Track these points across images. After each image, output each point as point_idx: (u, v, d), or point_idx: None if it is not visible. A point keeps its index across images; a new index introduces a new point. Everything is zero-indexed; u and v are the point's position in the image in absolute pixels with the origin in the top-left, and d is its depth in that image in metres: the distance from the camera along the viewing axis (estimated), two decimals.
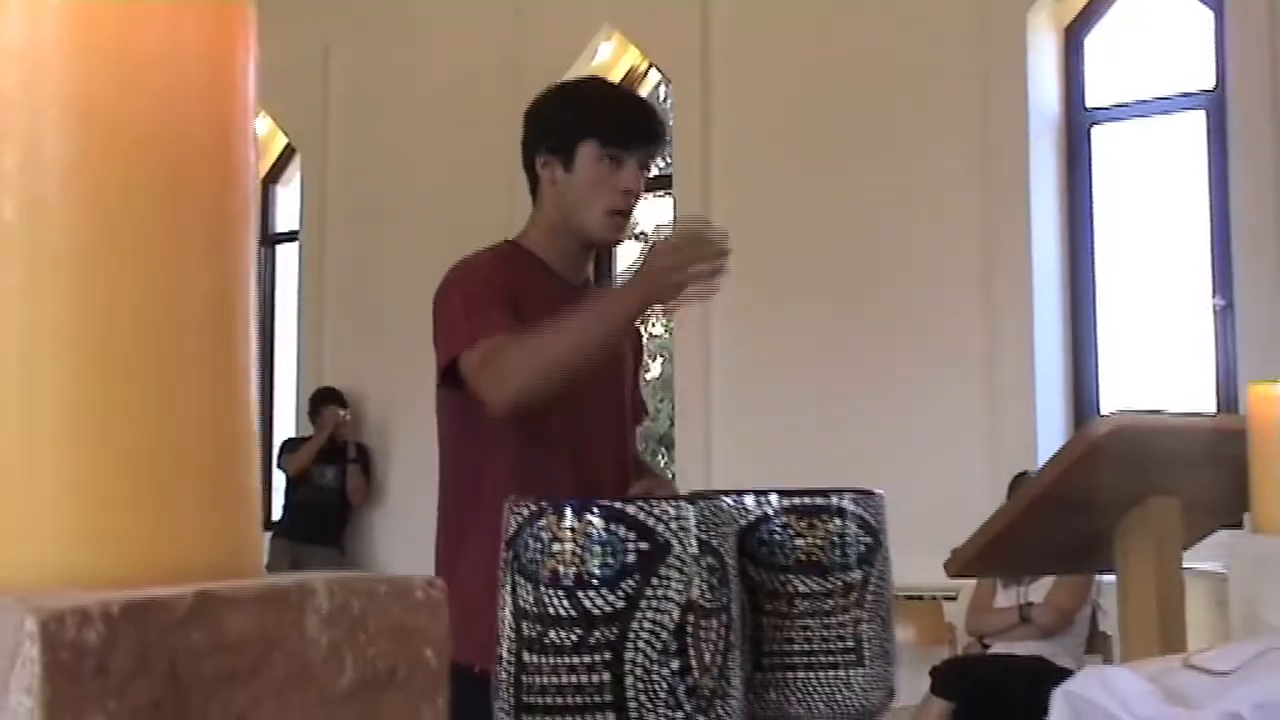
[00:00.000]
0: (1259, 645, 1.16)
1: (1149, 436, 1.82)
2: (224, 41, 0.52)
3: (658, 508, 0.72)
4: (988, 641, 5.00)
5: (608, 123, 2.42)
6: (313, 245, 8.17)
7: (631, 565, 0.72)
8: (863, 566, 0.88)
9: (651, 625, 0.72)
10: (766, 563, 0.86)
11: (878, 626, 0.90)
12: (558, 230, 2.47)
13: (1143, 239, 6.14)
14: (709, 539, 0.75)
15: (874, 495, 0.93)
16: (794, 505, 0.88)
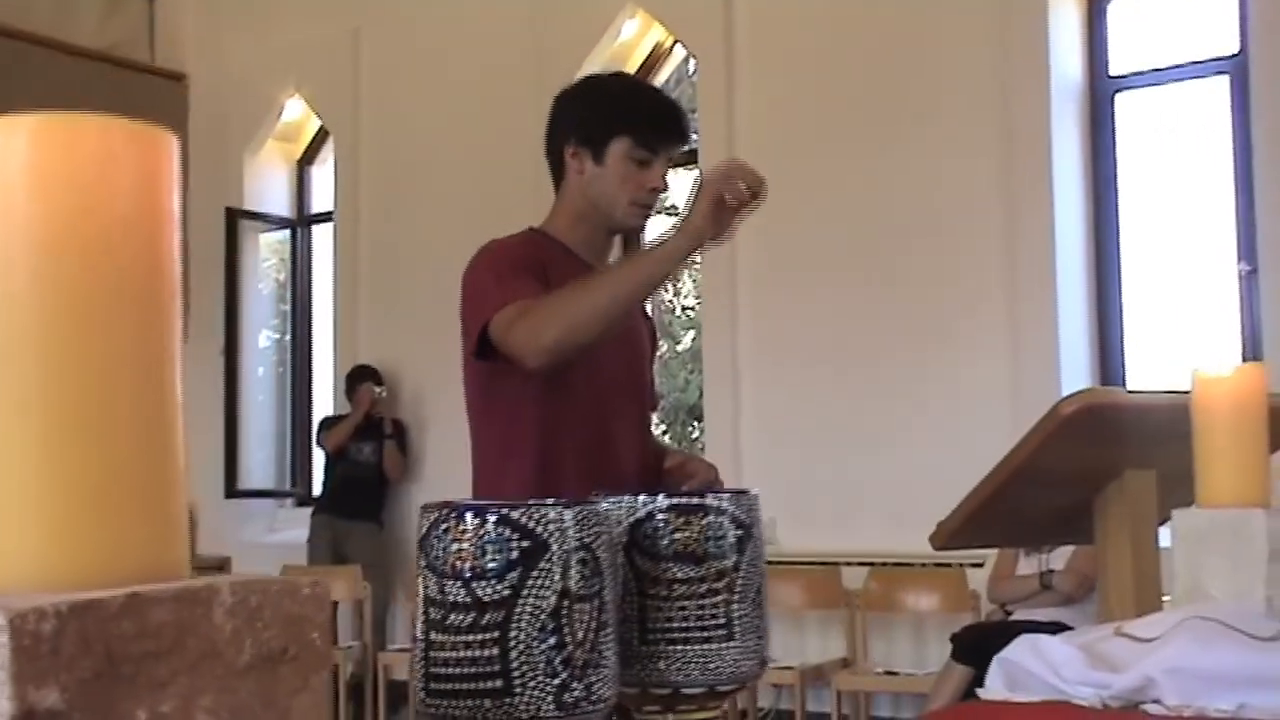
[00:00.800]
0: (1180, 615, 1.24)
1: (1119, 413, 1.89)
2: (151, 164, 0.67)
3: (538, 512, 0.85)
4: (1010, 609, 5.07)
5: (642, 123, 2.50)
6: (347, 225, 8.29)
7: (516, 560, 0.89)
8: (734, 556, 1.01)
9: (533, 609, 0.89)
10: (651, 553, 1.00)
11: (748, 607, 1.03)
12: (583, 217, 2.55)
13: (1167, 206, 6.15)
14: (583, 537, 0.90)
15: (747, 494, 1.05)
16: (674, 504, 1.01)
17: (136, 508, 0.61)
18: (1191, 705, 1.11)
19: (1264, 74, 5.56)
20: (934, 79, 6.31)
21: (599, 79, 2.66)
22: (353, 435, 7.73)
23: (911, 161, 6.32)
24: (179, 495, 0.64)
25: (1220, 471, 1.43)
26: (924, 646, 5.98)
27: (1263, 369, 1.43)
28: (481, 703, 0.87)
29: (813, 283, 6.55)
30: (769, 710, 6.37)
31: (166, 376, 0.64)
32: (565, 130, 2.56)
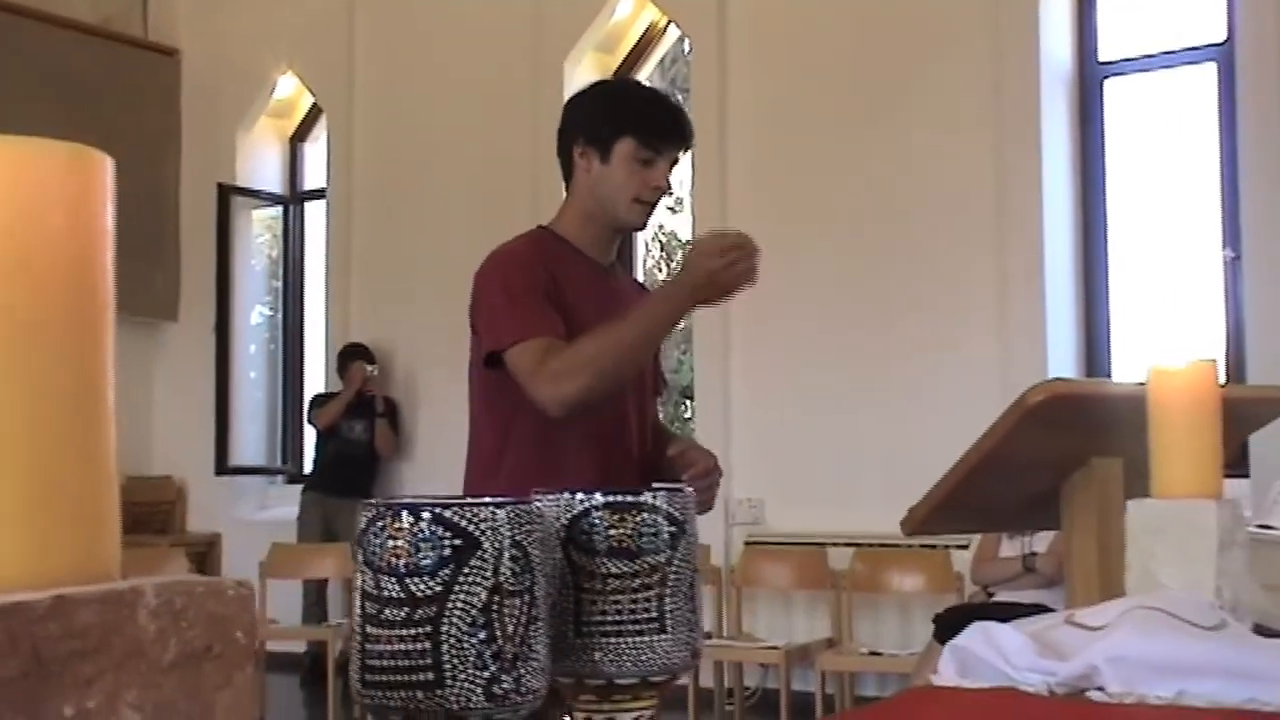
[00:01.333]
0: (1127, 604, 1.27)
1: (1085, 402, 1.93)
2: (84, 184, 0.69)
3: (472, 511, 0.89)
4: (992, 590, 5.11)
5: (646, 125, 2.59)
6: (339, 202, 8.31)
7: (448, 557, 0.93)
8: (667, 552, 1.05)
9: (464, 605, 0.93)
10: (586, 549, 1.03)
11: (680, 600, 1.06)
12: (591, 215, 2.64)
13: (1154, 191, 6.19)
14: (515, 535, 0.94)
15: (682, 491, 1.08)
16: (610, 501, 1.04)
17: (66, 513, 0.65)
18: (1133, 692, 1.14)
19: (1251, 62, 5.59)
20: (926, 63, 6.34)
21: (607, 83, 2.79)
22: (344, 413, 7.76)
23: (902, 145, 6.35)
24: (109, 500, 0.67)
25: (1174, 464, 1.46)
26: (909, 627, 6.04)
27: (1214, 366, 1.47)
28: (414, 694, 0.91)
29: (804, 265, 6.58)
30: (756, 689, 6.42)
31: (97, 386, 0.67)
32: (575, 131, 2.65)
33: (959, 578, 5.64)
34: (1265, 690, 1.11)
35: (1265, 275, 5.51)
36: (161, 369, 8.99)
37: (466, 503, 0.89)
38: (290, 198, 9.10)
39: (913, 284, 6.28)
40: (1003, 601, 4.88)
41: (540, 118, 7.32)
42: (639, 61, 7.71)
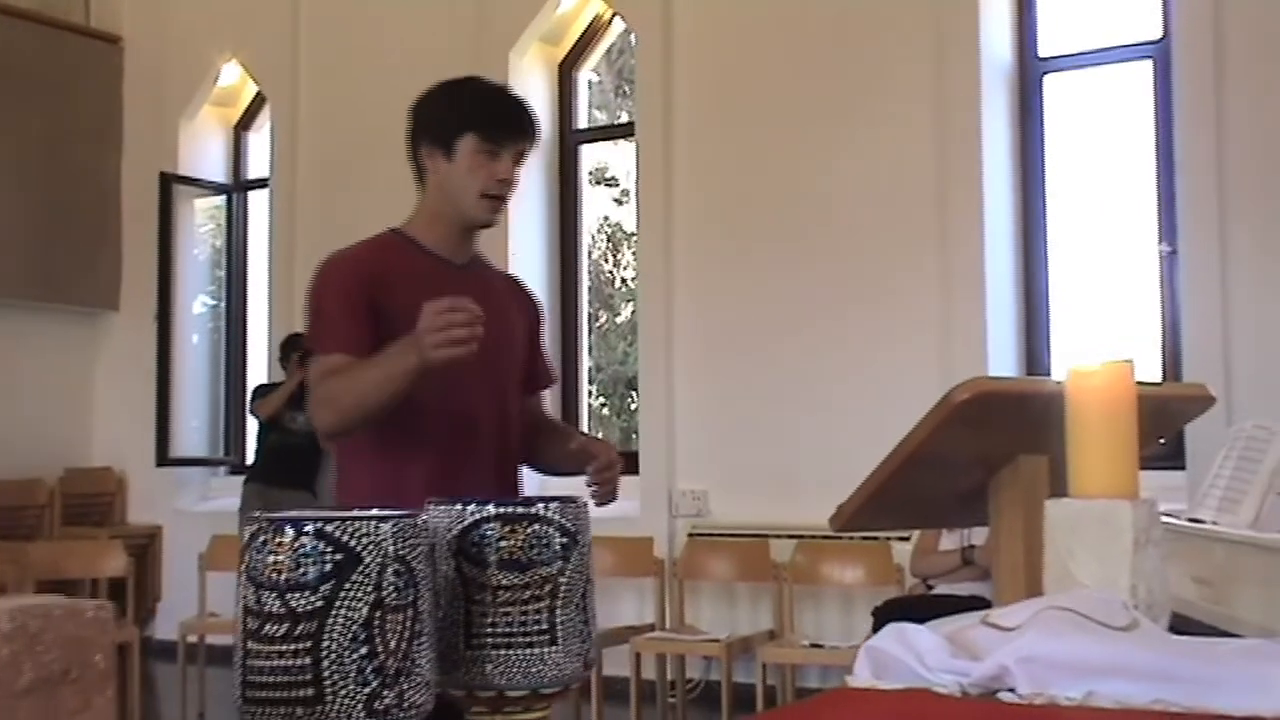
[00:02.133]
0: (1040, 604, 1.29)
1: (1010, 400, 1.94)
2: None
3: (353, 526, 0.88)
4: (931, 583, 5.16)
5: (486, 118, 2.63)
6: (284, 192, 8.24)
7: (329, 573, 0.92)
8: (558, 563, 1.04)
9: (345, 620, 0.92)
10: (477, 560, 1.03)
11: (572, 612, 1.06)
12: (440, 215, 2.67)
13: (1092, 186, 6.25)
14: (398, 549, 0.92)
15: (575, 502, 1.08)
16: (501, 513, 1.03)
17: None
18: (1043, 693, 1.15)
19: (1186, 59, 5.65)
20: (868, 57, 6.37)
21: (448, 83, 2.77)
22: (287, 404, 7.69)
23: (845, 139, 6.38)
24: None
25: (1091, 463, 1.47)
26: (851, 619, 6.07)
27: (1131, 366, 1.48)
28: (294, 711, 0.90)
29: (748, 257, 6.61)
30: (698, 682, 6.44)
31: None
32: (420, 134, 2.69)
33: (899, 570, 5.68)
34: (1172, 690, 1.12)
35: (1201, 270, 5.57)
36: (102, 359, 8.90)
37: (349, 517, 0.88)
38: (234, 186, 9.02)
39: (855, 278, 6.31)
40: (940, 594, 4.93)
41: None
42: (585, 53, 7.70)
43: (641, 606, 6.59)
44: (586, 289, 7.81)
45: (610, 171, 9.84)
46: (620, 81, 9.41)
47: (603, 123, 8.94)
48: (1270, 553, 1.92)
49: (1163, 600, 1.47)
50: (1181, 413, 2.26)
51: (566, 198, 7.63)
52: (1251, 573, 2.02)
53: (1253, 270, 5.49)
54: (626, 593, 6.69)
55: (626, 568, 6.56)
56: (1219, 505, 2.48)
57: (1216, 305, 5.51)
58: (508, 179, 2.64)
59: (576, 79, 7.73)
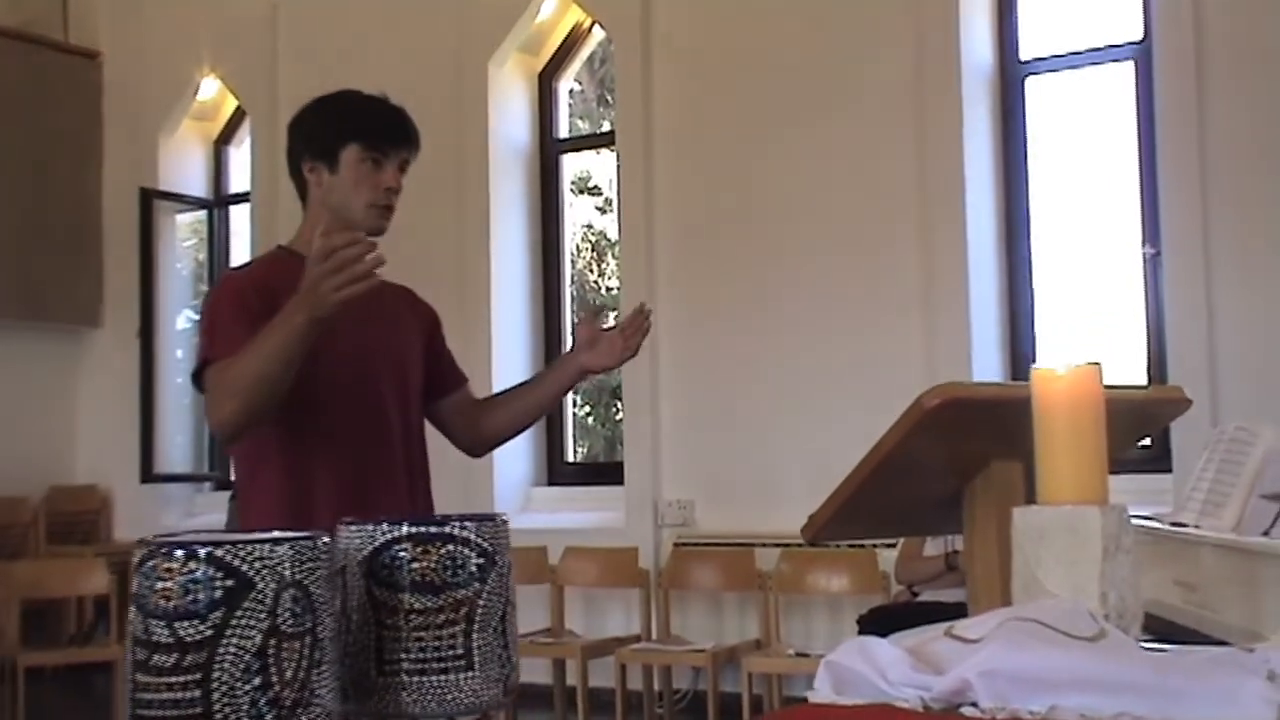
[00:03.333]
0: (1003, 615, 1.25)
1: (982, 406, 1.91)
2: None
3: (246, 550, 0.84)
4: (916, 590, 5.12)
5: (368, 128, 2.62)
6: (265, 206, 8.19)
7: (219, 600, 0.87)
8: (474, 585, 0.99)
9: (236, 650, 0.87)
10: (388, 583, 0.98)
11: (489, 635, 1.01)
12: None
13: (1075, 188, 6.23)
14: (295, 574, 0.88)
15: (493, 520, 1.03)
16: (413, 533, 0.99)
17: None
18: (1005, 707, 1.12)
19: (1167, 60, 5.63)
20: (849, 62, 6.34)
21: (324, 98, 2.76)
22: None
23: (826, 144, 6.35)
24: None
25: (1058, 469, 1.44)
26: (838, 627, 6.03)
27: (1098, 369, 1.45)
28: None
29: (731, 264, 6.58)
30: (685, 692, 6.40)
31: None
32: (300, 149, 2.67)
33: (885, 577, 5.64)
34: (1137, 703, 1.09)
35: (1184, 271, 5.55)
36: (85, 376, 8.85)
37: (242, 540, 0.84)
38: (215, 201, 8.98)
39: (838, 284, 6.28)
40: (926, 601, 4.89)
41: (465, 119, 7.28)
42: (565, 62, 7.67)
43: (628, 617, 6.55)
44: (570, 298, 7.78)
45: (593, 180, 9.81)
46: (602, 90, 9.39)
47: (586, 132, 8.91)
48: (1253, 556, 1.89)
49: (1134, 608, 1.44)
50: (1158, 416, 2.23)
51: (549, 207, 7.60)
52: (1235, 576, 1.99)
53: (1237, 271, 5.47)
54: (612, 604, 6.66)
55: (612, 579, 6.52)
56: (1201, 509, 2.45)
57: (1201, 306, 5.48)
58: (394, 187, 2.63)
59: (557, 88, 7.70)
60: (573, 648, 6.19)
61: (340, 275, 2.16)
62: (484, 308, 7.15)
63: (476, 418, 2.88)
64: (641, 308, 2.84)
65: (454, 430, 2.89)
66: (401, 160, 2.65)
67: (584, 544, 6.63)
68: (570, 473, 7.42)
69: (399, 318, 2.75)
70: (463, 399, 2.88)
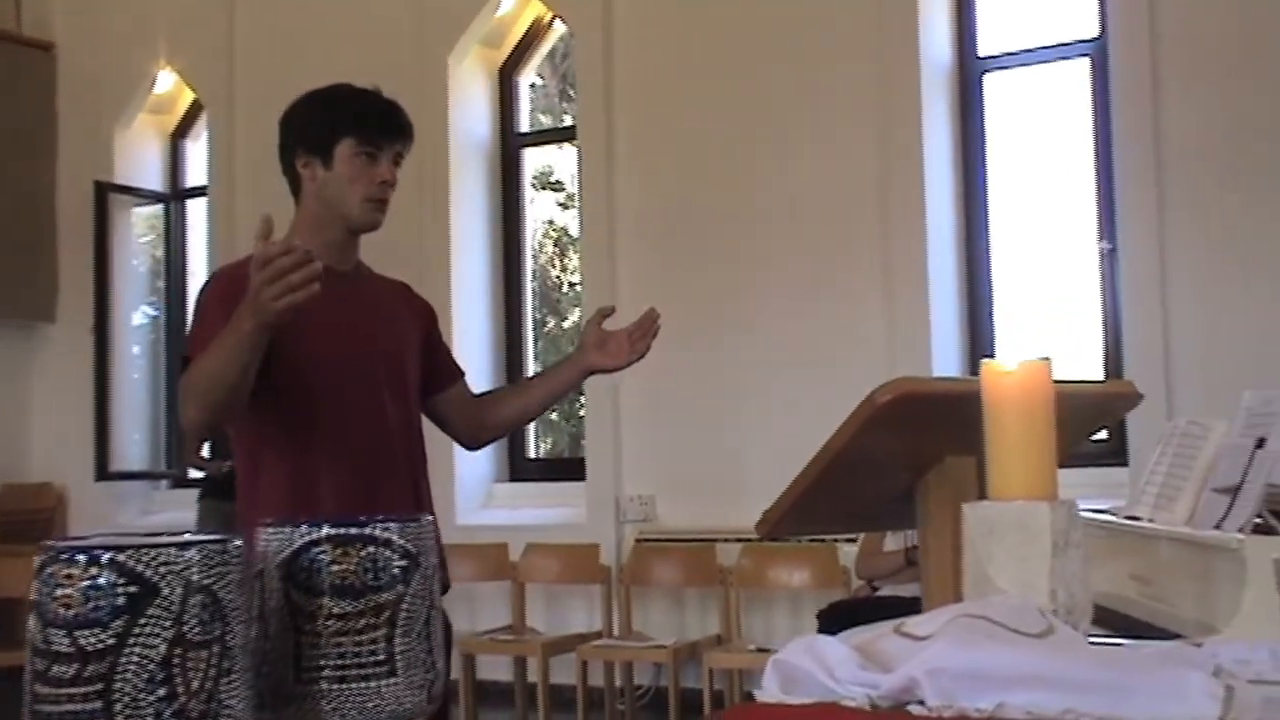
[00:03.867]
0: (953, 612, 1.24)
1: (934, 401, 1.90)
2: None
3: (150, 554, 0.82)
4: (876, 585, 5.13)
5: (362, 122, 2.62)
6: (222, 200, 8.13)
7: (122, 607, 0.84)
8: (397, 588, 0.97)
9: (139, 659, 0.84)
10: (306, 587, 0.95)
11: (413, 640, 0.98)
12: (322, 223, 2.64)
13: (1033, 184, 6.26)
14: (203, 580, 0.85)
15: (417, 521, 1.01)
16: (333, 534, 0.96)
17: None
18: (952, 705, 1.11)
19: (1122, 57, 5.66)
20: (809, 57, 6.34)
21: (316, 92, 2.75)
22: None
23: (786, 139, 6.35)
24: None
25: (1008, 465, 1.43)
26: (799, 622, 6.04)
27: (1048, 364, 1.44)
28: None
29: (692, 259, 6.57)
30: (647, 688, 6.39)
31: None
32: (293, 144, 2.69)
33: (845, 572, 5.65)
34: (1084, 699, 1.08)
35: (1140, 266, 5.58)
36: (39, 372, 8.75)
37: (147, 544, 0.81)
38: (172, 195, 8.89)
39: (799, 279, 6.28)
40: (886, 596, 4.90)
41: (425, 113, 7.20)
42: (526, 56, 7.64)
43: (589, 614, 6.53)
44: (532, 294, 7.75)
45: (555, 175, 9.78)
46: (564, 85, 9.35)
47: (547, 126, 8.88)
48: (1206, 549, 1.90)
49: (1083, 604, 1.43)
50: (1110, 410, 2.24)
51: (509, 202, 7.57)
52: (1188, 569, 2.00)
53: (1192, 266, 5.51)
54: (574, 600, 6.64)
55: (573, 575, 6.51)
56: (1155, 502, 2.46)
57: (1156, 301, 5.52)
58: (389, 180, 2.62)
59: (517, 82, 7.66)
60: (534, 645, 6.17)
61: (277, 285, 2.13)
62: (445, 304, 7.10)
63: (477, 412, 2.89)
64: (651, 311, 2.91)
65: (452, 424, 2.90)
66: (395, 153, 2.64)
67: (545, 540, 6.61)
68: (532, 468, 7.40)
69: (396, 313, 2.74)
70: (460, 393, 2.88)
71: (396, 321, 2.73)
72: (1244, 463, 1.88)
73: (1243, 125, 5.44)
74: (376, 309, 2.68)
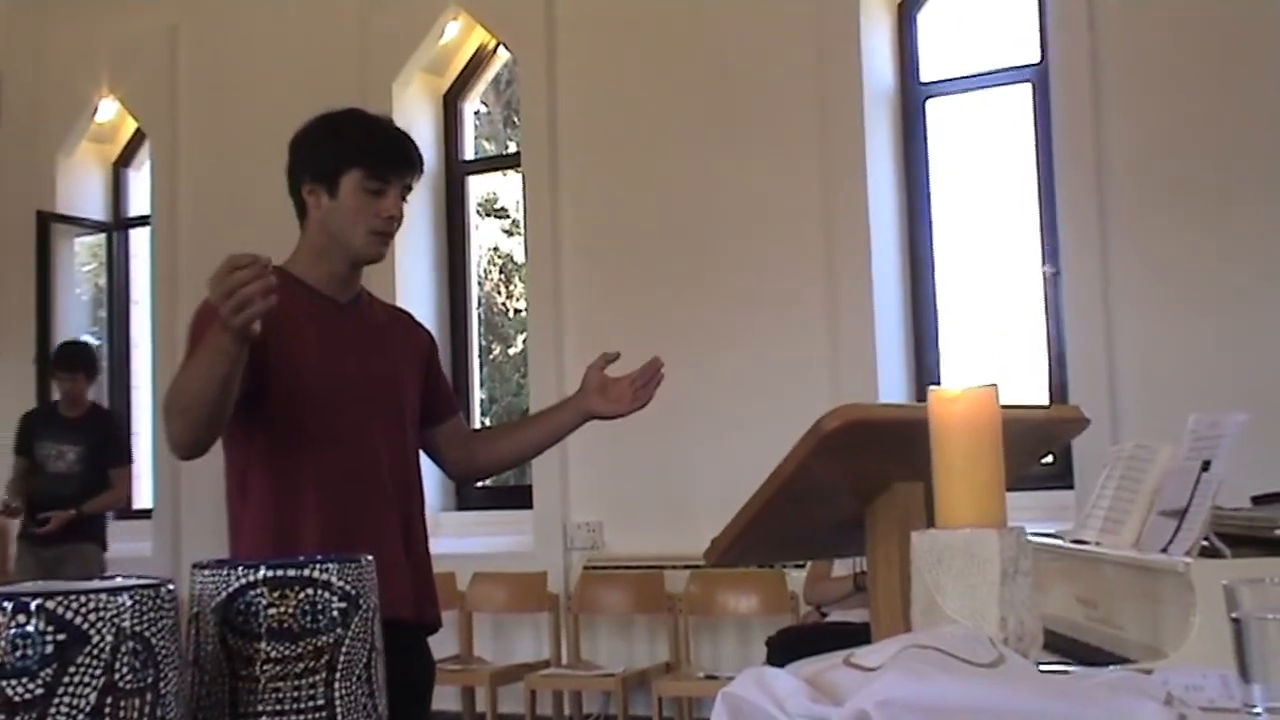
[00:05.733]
0: (901, 643, 1.23)
1: (881, 427, 1.90)
2: None
3: (80, 601, 0.79)
4: (825, 610, 5.12)
5: (371, 154, 2.56)
6: (165, 229, 8.05)
7: (50, 656, 0.81)
8: (336, 630, 0.94)
9: (69, 709, 0.81)
10: (242, 630, 0.92)
11: (353, 684, 0.95)
12: (324, 252, 2.60)
13: (977, 209, 6.30)
14: (135, 626, 0.83)
15: (357, 562, 0.99)
16: (270, 577, 0.94)
17: None
18: None
19: (1063, 82, 5.71)
20: (752, 82, 6.37)
21: (329, 116, 2.69)
22: (47, 436, 6.83)
23: (730, 163, 6.36)
24: None
25: (955, 492, 1.43)
26: (748, 649, 6.02)
27: (994, 390, 1.44)
28: None
29: (634, 284, 6.56)
30: (596, 716, 6.35)
31: None
32: (300, 169, 2.62)
33: (794, 598, 5.64)
34: None
35: (1083, 290, 5.63)
36: None
37: (76, 590, 0.78)
38: (114, 224, 8.80)
39: (744, 305, 6.29)
40: (835, 622, 4.90)
41: None
42: (470, 83, 7.63)
43: (537, 642, 6.49)
44: (478, 321, 7.72)
45: (500, 202, 9.76)
46: (509, 111, 9.34)
47: (492, 153, 8.86)
48: (1152, 573, 1.90)
49: (1033, 631, 1.43)
50: (1057, 435, 2.24)
51: (455, 229, 7.54)
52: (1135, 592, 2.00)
53: (1135, 290, 5.56)
54: (521, 629, 6.60)
55: (520, 604, 6.47)
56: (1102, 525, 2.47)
57: (1100, 325, 5.56)
58: (394, 215, 2.57)
59: (462, 109, 7.65)
60: (481, 674, 6.12)
61: (231, 300, 2.11)
62: None
63: (471, 447, 2.86)
64: (655, 360, 2.93)
65: (444, 457, 2.86)
66: (404, 186, 2.59)
67: (493, 569, 6.56)
68: (479, 496, 7.35)
69: (396, 343, 2.71)
70: (455, 427, 2.85)
71: (395, 352, 2.69)
72: (1190, 485, 1.88)
73: (1184, 149, 5.50)
74: (375, 339, 2.64)
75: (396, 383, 2.67)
